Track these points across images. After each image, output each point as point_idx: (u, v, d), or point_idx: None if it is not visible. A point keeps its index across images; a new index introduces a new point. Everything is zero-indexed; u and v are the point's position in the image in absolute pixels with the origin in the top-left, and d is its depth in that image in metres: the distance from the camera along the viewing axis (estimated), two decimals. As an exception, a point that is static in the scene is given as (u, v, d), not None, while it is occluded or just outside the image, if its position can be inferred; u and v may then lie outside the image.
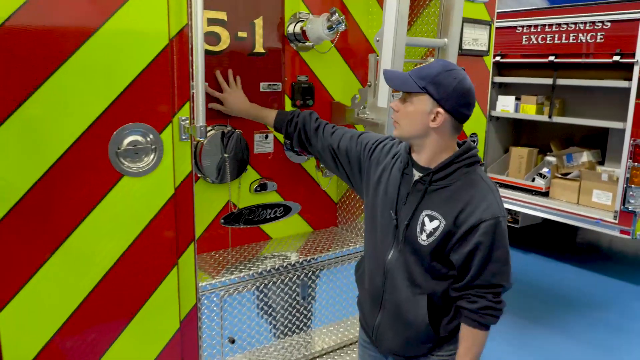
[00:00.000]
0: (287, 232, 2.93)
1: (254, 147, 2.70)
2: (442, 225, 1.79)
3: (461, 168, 1.82)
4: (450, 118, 1.78)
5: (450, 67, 1.79)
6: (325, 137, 2.32)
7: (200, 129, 2.05)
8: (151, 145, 2.03)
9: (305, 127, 2.38)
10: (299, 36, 2.67)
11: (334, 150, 2.27)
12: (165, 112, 2.05)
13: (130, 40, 1.92)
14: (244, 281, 2.42)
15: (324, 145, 2.31)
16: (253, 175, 2.73)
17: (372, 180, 2.06)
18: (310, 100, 2.82)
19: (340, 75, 2.94)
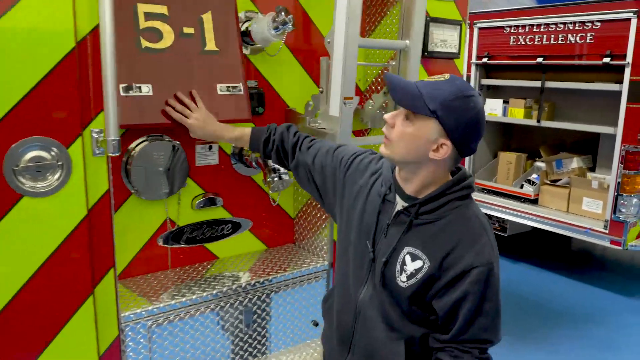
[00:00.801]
0: (237, 250, 2.69)
1: (196, 159, 2.46)
2: (425, 267, 1.54)
3: (452, 201, 1.57)
4: (455, 151, 1.52)
5: (469, 92, 1.49)
6: (302, 152, 2.04)
7: (112, 144, 1.81)
8: (57, 162, 1.80)
9: (283, 144, 2.09)
10: (246, 37, 2.43)
11: (309, 167, 2.00)
12: (73, 124, 1.82)
13: (27, 42, 1.69)
14: (175, 309, 2.18)
15: (299, 162, 2.04)
16: (195, 190, 2.49)
17: (347, 201, 1.81)
18: (260, 107, 2.57)
19: (295, 80, 2.69)
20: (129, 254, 2.36)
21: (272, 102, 2.63)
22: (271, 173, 2.39)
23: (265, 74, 2.59)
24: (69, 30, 1.75)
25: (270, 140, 2.11)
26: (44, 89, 1.74)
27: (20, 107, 1.71)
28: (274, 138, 2.10)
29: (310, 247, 2.76)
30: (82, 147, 1.84)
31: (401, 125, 1.53)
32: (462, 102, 1.47)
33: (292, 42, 2.63)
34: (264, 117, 2.61)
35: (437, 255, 1.53)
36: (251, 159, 2.50)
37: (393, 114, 1.57)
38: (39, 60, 1.72)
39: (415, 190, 1.59)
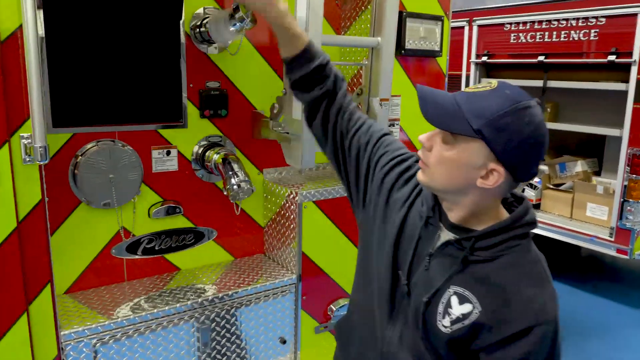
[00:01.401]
0: (200, 261, 2.53)
1: (152, 165, 2.31)
2: (475, 313, 1.26)
3: (512, 239, 1.28)
4: (509, 177, 1.23)
5: (523, 104, 1.19)
6: (344, 115, 1.59)
7: (39, 151, 1.67)
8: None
9: (337, 85, 1.60)
10: (206, 35, 2.28)
11: (345, 139, 1.58)
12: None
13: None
14: (122, 327, 2.04)
15: (339, 127, 1.59)
16: (152, 197, 2.34)
17: (378, 212, 1.50)
18: (223, 110, 2.42)
19: (262, 80, 2.53)
20: (81, 265, 2.23)
21: (237, 103, 2.47)
22: (230, 180, 2.23)
23: (229, 74, 2.43)
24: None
25: (331, 68, 1.60)
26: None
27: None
28: (335, 71, 1.61)
29: (279, 258, 2.59)
30: (9, 155, 1.70)
31: (439, 148, 1.25)
32: (515, 117, 1.18)
33: (258, 38, 2.47)
34: (227, 120, 2.46)
35: (491, 302, 1.26)
36: (212, 165, 2.35)
37: (429, 134, 1.28)
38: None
39: (461, 219, 1.32)
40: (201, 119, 2.40)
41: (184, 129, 2.36)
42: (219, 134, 2.46)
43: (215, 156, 2.34)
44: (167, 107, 2.31)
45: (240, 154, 2.54)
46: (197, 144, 2.41)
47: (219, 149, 2.38)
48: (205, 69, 2.37)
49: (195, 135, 2.40)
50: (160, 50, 2.24)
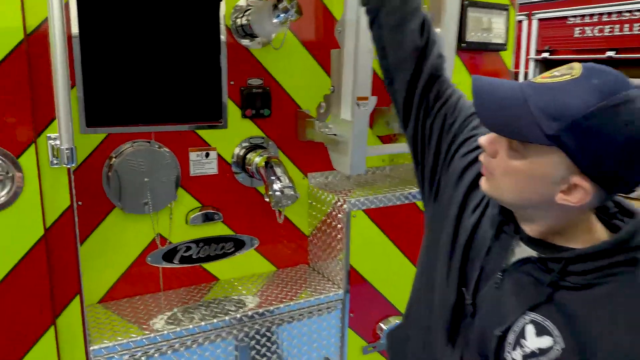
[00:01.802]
0: (240, 272, 2.37)
1: (190, 168, 2.16)
2: (556, 350, 1.00)
3: (614, 266, 1.00)
4: (599, 191, 0.96)
5: (619, 98, 0.90)
6: (437, 79, 1.34)
7: (66, 154, 1.53)
8: (6, 173, 1.54)
9: (431, 36, 1.36)
10: (248, 29, 2.11)
11: (430, 112, 1.33)
12: (24, 130, 1.55)
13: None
14: (155, 342, 1.89)
15: (429, 95, 1.33)
16: (190, 203, 2.19)
17: (452, 210, 1.26)
18: (265, 109, 2.25)
19: (308, 77, 2.34)
20: (114, 274, 2.10)
21: (280, 102, 2.29)
22: (272, 186, 2.05)
23: (272, 71, 2.25)
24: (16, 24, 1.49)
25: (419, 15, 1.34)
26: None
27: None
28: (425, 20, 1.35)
29: (325, 270, 2.39)
30: (36, 157, 1.58)
31: (505, 155, 1.01)
32: (608, 117, 0.89)
33: (304, 31, 2.28)
34: (270, 121, 2.28)
35: (577, 342, 1.00)
36: (253, 169, 2.17)
37: (491, 137, 1.03)
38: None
39: (540, 234, 1.08)
40: (242, 119, 2.23)
41: (224, 129, 2.20)
42: (261, 135, 2.29)
43: (257, 159, 2.17)
44: (206, 106, 2.15)
45: (283, 157, 2.36)
46: (238, 146, 2.25)
47: (261, 152, 2.21)
48: (247, 65, 2.20)
49: (235, 136, 2.23)
50: (199, 46, 2.09)
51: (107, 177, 1.98)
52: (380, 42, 1.37)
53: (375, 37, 1.38)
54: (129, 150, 2.00)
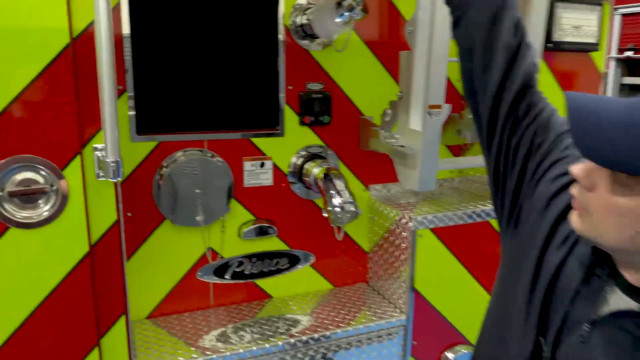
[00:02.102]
0: (295, 289, 2.21)
1: (244, 179, 2.02)
2: None
3: None
4: None
5: None
6: (530, 88, 1.15)
7: (112, 167, 1.41)
8: (51, 186, 1.45)
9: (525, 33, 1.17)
10: (308, 29, 1.94)
11: (518, 126, 1.13)
12: (69, 141, 1.45)
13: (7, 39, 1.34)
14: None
15: (519, 106, 1.13)
16: (243, 215, 2.05)
17: (536, 242, 1.06)
18: (325, 116, 2.08)
19: (373, 81, 2.15)
20: (163, 289, 1.99)
21: (342, 108, 2.11)
22: (332, 201, 1.87)
23: (333, 74, 2.08)
24: (62, 25, 1.39)
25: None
26: (31, 97, 1.39)
27: (2, 120, 1.37)
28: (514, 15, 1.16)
29: (385, 292, 2.20)
30: (81, 169, 1.47)
31: (607, 190, 0.83)
32: None
33: (368, 31, 2.09)
34: (330, 128, 2.11)
35: None
36: (311, 180, 2.01)
37: (588, 168, 0.85)
38: (24, 61, 1.37)
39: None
40: (300, 126, 2.07)
41: (280, 137, 2.04)
42: (321, 144, 2.12)
43: (316, 170, 2.00)
44: (262, 112, 2.01)
45: (343, 167, 2.18)
46: (295, 155, 2.09)
47: (320, 162, 2.04)
48: (307, 68, 2.04)
49: (293, 145, 2.08)
50: (256, 47, 1.94)
51: (157, 188, 1.88)
52: (467, 42, 1.17)
53: (461, 37, 1.19)
54: (181, 159, 1.88)
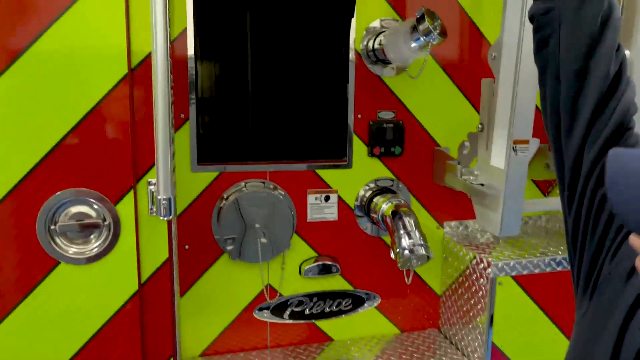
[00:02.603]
0: (358, 332, 2.04)
1: (308, 213, 1.90)
2: None
3: None
4: None
5: None
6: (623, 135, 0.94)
7: (163, 204, 1.33)
8: (103, 221, 1.39)
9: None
10: (380, 54, 1.80)
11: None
12: (123, 175, 1.39)
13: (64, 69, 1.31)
14: (255, 418, 1.64)
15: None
16: (305, 251, 1.92)
17: (613, 316, 0.88)
18: (397, 147, 1.91)
19: (450, 109, 1.96)
20: (219, 326, 1.90)
21: (416, 138, 1.94)
22: (400, 242, 1.70)
23: (407, 102, 1.91)
24: (121, 55, 1.34)
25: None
26: (86, 129, 1.35)
27: (59, 151, 1.34)
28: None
29: (459, 342, 1.98)
30: (134, 205, 1.41)
31: None
32: None
33: (446, 54, 1.91)
34: (402, 160, 1.94)
35: None
36: (378, 217, 1.85)
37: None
38: (81, 93, 1.33)
39: None
40: (370, 158, 1.92)
41: (347, 169, 1.90)
42: (391, 177, 1.95)
43: (384, 206, 1.84)
44: (329, 142, 1.88)
45: (415, 202, 2.00)
46: (363, 188, 1.94)
47: (389, 196, 1.87)
48: (378, 95, 1.89)
49: (361, 178, 1.93)
50: (324, 73, 1.83)
51: (217, 220, 1.79)
52: (552, 68, 0.97)
53: (544, 61, 0.99)
54: (242, 190, 1.79)
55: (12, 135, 1.30)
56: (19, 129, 1.30)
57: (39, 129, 1.31)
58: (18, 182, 1.33)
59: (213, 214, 1.80)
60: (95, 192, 1.38)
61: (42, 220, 1.35)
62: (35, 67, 1.29)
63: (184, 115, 1.71)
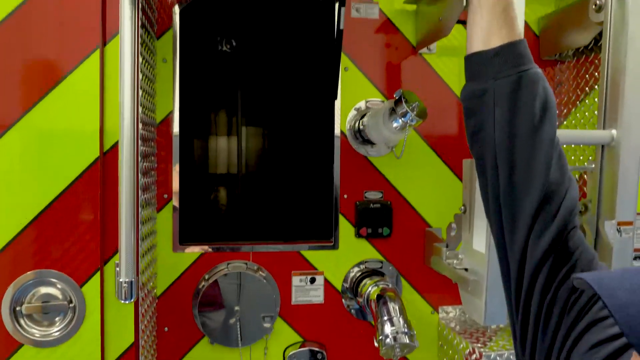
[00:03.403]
0: None
1: (292, 296, 1.84)
2: None
3: None
4: None
5: None
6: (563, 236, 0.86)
7: (123, 287, 1.31)
8: (69, 303, 1.38)
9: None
10: (365, 134, 1.80)
11: (552, 279, 0.85)
12: (90, 256, 1.39)
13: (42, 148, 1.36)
14: None
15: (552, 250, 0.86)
16: (289, 336, 1.85)
17: None
18: (385, 228, 1.87)
19: (440, 188, 1.92)
20: (200, 415, 1.81)
21: (405, 218, 1.89)
22: (383, 328, 1.61)
23: (395, 182, 1.88)
24: (93, 135, 1.38)
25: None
26: (57, 209, 1.37)
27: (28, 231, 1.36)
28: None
29: None
30: (99, 287, 1.40)
31: None
32: None
33: (431, 130, 1.90)
34: (391, 241, 1.88)
35: None
36: (364, 301, 1.77)
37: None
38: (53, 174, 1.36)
39: None
40: (357, 239, 1.87)
41: (334, 250, 1.86)
42: (380, 258, 1.89)
43: (370, 289, 1.77)
44: (314, 223, 1.86)
45: (407, 285, 1.91)
46: (351, 270, 1.88)
47: (377, 279, 1.81)
48: (365, 175, 1.87)
49: (348, 259, 1.87)
50: (309, 154, 1.83)
51: (196, 302, 1.75)
52: (490, 155, 0.91)
53: (481, 148, 0.93)
54: (223, 272, 1.76)
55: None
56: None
57: (11, 208, 1.34)
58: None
59: (194, 295, 1.76)
60: (62, 274, 1.37)
61: (7, 300, 1.35)
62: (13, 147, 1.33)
63: (167, 195, 1.73)
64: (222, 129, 1.85)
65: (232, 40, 1.92)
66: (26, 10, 1.33)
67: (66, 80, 1.35)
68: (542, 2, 1.98)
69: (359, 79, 1.84)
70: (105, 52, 1.37)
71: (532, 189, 0.87)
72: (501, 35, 0.93)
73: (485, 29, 0.95)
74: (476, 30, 0.96)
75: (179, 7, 1.69)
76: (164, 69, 1.71)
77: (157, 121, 1.71)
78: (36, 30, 1.33)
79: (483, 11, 0.95)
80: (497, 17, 0.94)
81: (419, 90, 1.78)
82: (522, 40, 0.93)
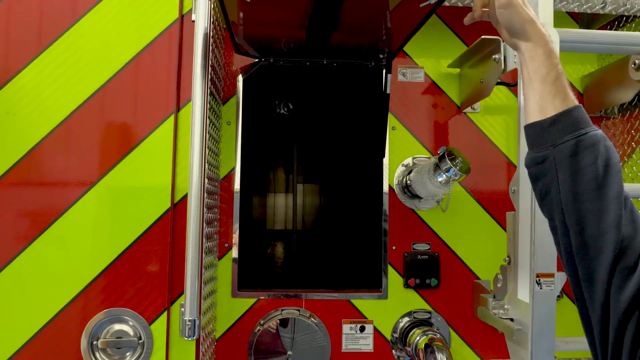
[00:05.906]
0: None
1: (342, 343, 1.91)
2: None
3: None
4: None
5: None
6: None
7: (187, 325, 1.44)
8: (138, 339, 1.53)
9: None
10: (413, 189, 1.90)
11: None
12: (159, 297, 1.55)
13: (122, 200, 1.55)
14: None
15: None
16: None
17: None
18: (433, 279, 1.92)
19: (488, 240, 1.97)
20: None
21: (453, 270, 1.95)
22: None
23: (442, 234, 1.96)
24: (164, 190, 1.56)
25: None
26: (133, 255, 1.54)
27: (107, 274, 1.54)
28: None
29: None
30: (166, 325, 1.54)
31: None
32: None
33: (477, 184, 1.97)
34: (439, 292, 1.94)
35: None
36: (412, 350, 1.81)
37: None
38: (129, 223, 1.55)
39: None
40: (405, 289, 1.94)
41: (383, 300, 1.93)
42: (428, 309, 1.94)
43: (419, 338, 1.81)
44: (364, 273, 1.94)
45: (456, 337, 1.94)
46: (400, 319, 1.93)
47: (426, 329, 1.85)
48: (413, 228, 1.95)
49: (397, 309, 1.93)
50: (359, 208, 1.95)
51: (252, 345, 1.86)
52: (559, 216, 0.97)
53: (550, 209, 1.00)
54: (276, 318, 1.87)
55: (74, 254, 1.53)
56: (80, 250, 1.53)
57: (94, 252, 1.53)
58: (73, 298, 1.52)
59: (250, 339, 1.87)
60: (134, 312, 1.53)
61: (86, 335, 1.51)
62: (95, 201, 1.54)
63: (228, 244, 1.88)
64: (279, 185, 2.00)
65: (289, 104, 2.12)
66: (110, 87, 1.57)
67: (144, 142, 1.56)
68: (584, 61, 2.07)
69: (406, 137, 1.97)
70: (179, 117, 1.58)
71: (605, 247, 0.89)
72: (555, 105, 1.01)
73: (539, 99, 1.04)
74: (531, 101, 1.05)
75: (242, 77, 1.91)
76: (228, 130, 1.91)
77: (220, 177, 1.90)
78: (119, 101, 1.57)
79: (535, 84, 1.05)
80: (548, 88, 1.03)
81: (464, 147, 1.90)
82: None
